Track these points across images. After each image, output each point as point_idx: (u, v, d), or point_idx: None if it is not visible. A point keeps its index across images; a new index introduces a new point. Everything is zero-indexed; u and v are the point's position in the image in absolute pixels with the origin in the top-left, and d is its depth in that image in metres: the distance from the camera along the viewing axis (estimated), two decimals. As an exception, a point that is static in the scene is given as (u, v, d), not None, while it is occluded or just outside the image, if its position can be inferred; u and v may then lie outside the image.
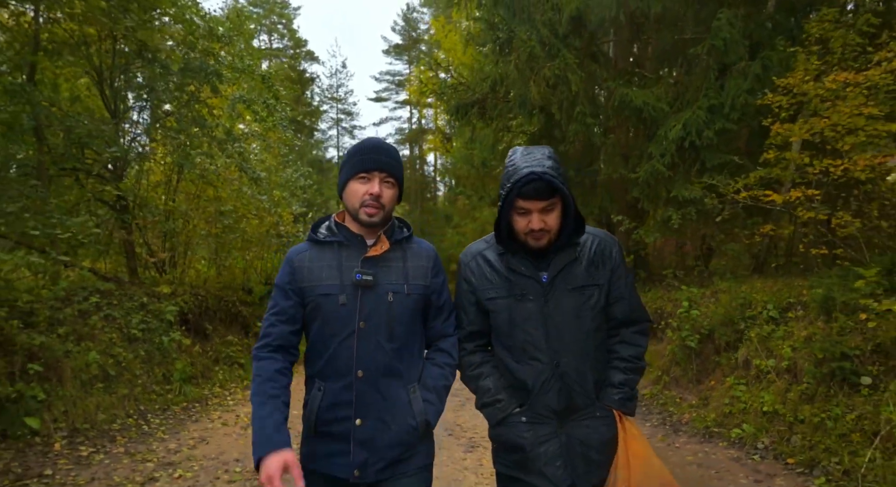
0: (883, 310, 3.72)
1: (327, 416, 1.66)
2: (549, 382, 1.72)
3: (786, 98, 5.34)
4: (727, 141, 6.39)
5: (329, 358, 1.68)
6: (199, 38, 8.64)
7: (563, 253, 1.74)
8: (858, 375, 3.81)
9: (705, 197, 5.91)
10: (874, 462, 3.27)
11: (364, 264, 1.67)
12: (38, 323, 5.56)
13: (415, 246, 1.79)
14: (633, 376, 1.79)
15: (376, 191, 1.64)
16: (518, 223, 1.70)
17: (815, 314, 4.47)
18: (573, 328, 1.72)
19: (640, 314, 1.83)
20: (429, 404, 1.71)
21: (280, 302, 1.73)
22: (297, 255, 1.75)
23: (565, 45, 6.97)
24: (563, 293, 1.72)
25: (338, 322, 1.67)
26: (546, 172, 1.61)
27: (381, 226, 1.71)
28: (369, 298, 1.66)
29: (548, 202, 1.64)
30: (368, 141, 1.75)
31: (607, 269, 1.76)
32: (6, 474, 4.05)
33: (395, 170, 1.70)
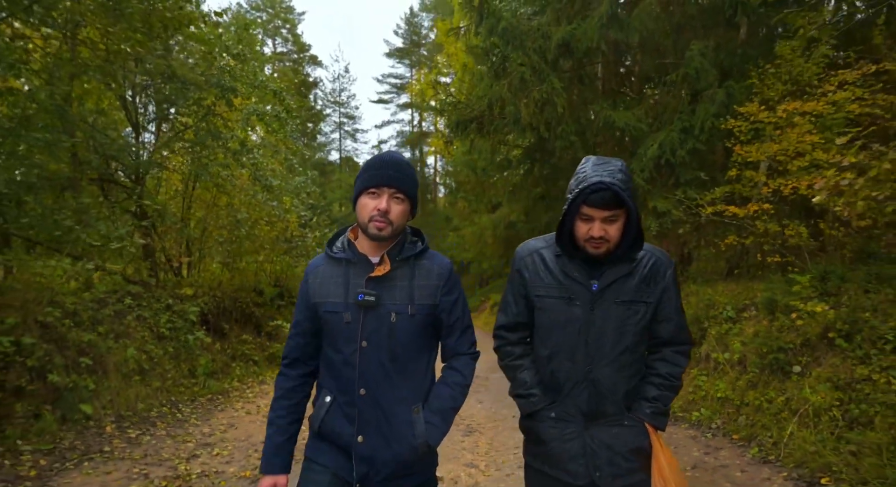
0: (810, 311, 4.50)
1: (331, 427, 1.72)
2: (581, 385, 1.78)
3: (745, 123, 6.10)
4: (700, 158, 7.16)
5: (336, 373, 1.74)
6: (217, 56, 9.41)
7: (618, 266, 1.78)
8: (791, 365, 4.59)
9: (675, 209, 6.68)
10: (793, 435, 4.05)
11: (368, 284, 1.70)
12: (82, 323, 6.33)
13: (426, 264, 1.79)
14: (668, 393, 1.82)
15: (384, 206, 1.66)
16: (580, 228, 1.74)
17: (762, 314, 5.26)
18: (614, 340, 1.76)
19: (685, 336, 1.86)
20: (432, 426, 1.72)
21: (297, 315, 1.83)
22: (313, 270, 1.82)
23: (554, 70, 7.75)
24: (611, 304, 1.77)
25: (342, 339, 1.71)
26: (615, 183, 1.65)
27: (390, 240, 1.73)
28: (372, 318, 1.69)
29: (612, 212, 1.68)
30: (382, 156, 1.76)
31: (658, 288, 1.80)
32: (72, 450, 4.82)
33: (404, 185, 1.71)
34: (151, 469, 4.48)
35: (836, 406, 3.93)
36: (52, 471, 4.31)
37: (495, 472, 4.48)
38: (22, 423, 4.87)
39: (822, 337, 4.45)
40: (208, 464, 4.72)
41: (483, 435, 5.74)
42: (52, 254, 7.75)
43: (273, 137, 11.38)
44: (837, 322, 4.34)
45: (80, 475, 4.28)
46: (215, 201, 10.96)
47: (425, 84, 31.88)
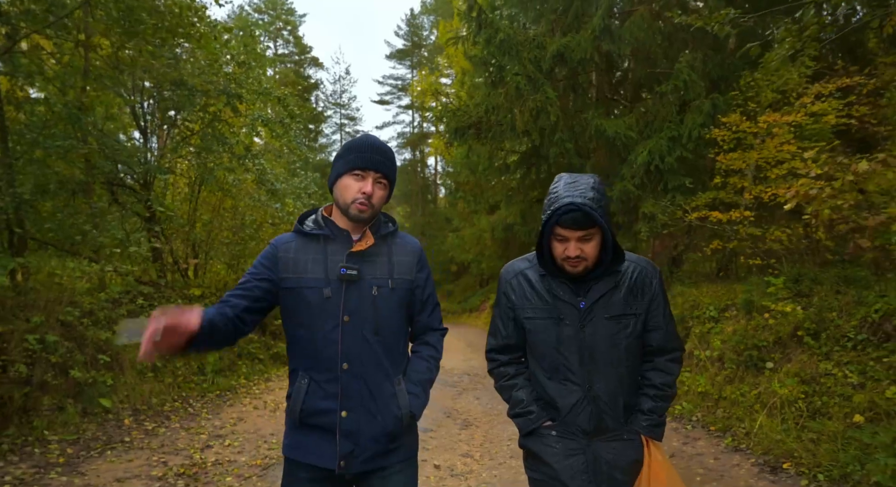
0: (781, 311, 4.86)
1: (312, 408, 1.70)
2: (581, 404, 1.79)
3: (728, 133, 6.46)
4: (688, 165, 7.53)
5: (314, 351, 1.71)
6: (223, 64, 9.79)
7: (602, 282, 1.80)
8: (764, 361, 4.96)
9: (661, 214, 7.04)
10: (762, 425, 4.41)
11: (349, 259, 1.71)
12: (99, 322, 6.70)
13: (399, 241, 1.84)
14: (663, 403, 1.84)
15: (369, 190, 1.68)
16: (556, 248, 1.77)
17: (741, 314, 5.62)
18: (608, 354, 1.78)
19: (675, 343, 1.88)
20: (414, 397, 1.77)
21: (251, 279, 1.75)
22: (283, 245, 1.78)
23: (549, 79, 8.12)
24: (601, 321, 1.78)
25: (322, 315, 1.69)
26: (586, 204, 1.66)
27: (368, 223, 1.76)
28: (354, 292, 1.70)
29: (586, 232, 1.70)
30: (366, 138, 1.77)
31: (646, 299, 1.82)
32: (95, 440, 5.19)
33: (389, 171, 1.74)
34: (169, 458, 4.85)
35: (802, 399, 4.30)
36: (79, 459, 4.68)
37: (489, 461, 4.84)
38: (48, 415, 5.24)
39: (793, 335, 4.81)
40: (221, 454, 5.08)
41: (479, 429, 6.10)
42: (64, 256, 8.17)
43: (277, 142, 11.76)
44: (806, 321, 4.71)
45: (105, 462, 4.65)
46: (221, 204, 11.33)
47: (426, 85, 32.24)
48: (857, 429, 3.62)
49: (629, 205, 7.98)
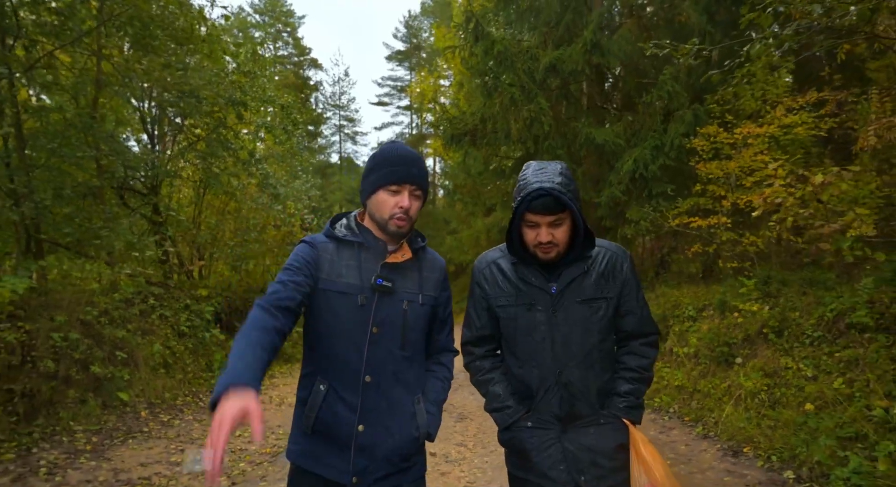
0: (748, 310, 5.31)
1: (328, 418, 1.64)
2: (552, 389, 1.79)
3: (707, 143, 6.91)
4: (671, 173, 7.97)
5: (337, 359, 1.66)
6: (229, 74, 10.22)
7: (573, 266, 1.81)
8: (734, 357, 5.41)
9: (643, 220, 7.49)
10: (729, 415, 4.86)
11: (384, 269, 1.68)
12: (114, 321, 7.13)
13: (429, 257, 1.83)
14: (640, 386, 1.84)
15: (406, 204, 1.65)
16: (527, 235, 1.77)
17: (716, 313, 6.07)
18: (580, 339, 1.78)
19: (649, 327, 1.89)
20: (432, 417, 1.75)
21: (293, 269, 1.65)
22: (322, 244, 1.73)
23: (542, 89, 8.56)
24: (572, 304, 1.79)
25: (351, 323, 1.65)
26: (555, 188, 1.67)
27: (405, 236, 1.74)
28: (385, 304, 1.67)
29: (556, 216, 1.70)
30: (398, 150, 1.72)
31: (617, 283, 1.82)
32: (116, 430, 5.63)
33: (424, 182, 1.71)
34: (186, 446, 5.30)
35: (764, 391, 4.75)
36: (104, 447, 5.12)
37: (481, 450, 5.28)
38: (72, 407, 5.67)
39: (760, 333, 5.27)
40: (233, 443, 5.52)
41: (473, 421, 6.54)
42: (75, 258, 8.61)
43: (280, 148, 12.21)
44: (771, 320, 5.16)
45: (127, 450, 5.09)
46: (225, 207, 11.78)
47: (425, 87, 32.68)
48: (807, 416, 4.07)
49: (616, 211, 8.43)
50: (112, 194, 9.90)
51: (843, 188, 4.69)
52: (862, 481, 3.22)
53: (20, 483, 4.13)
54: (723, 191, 6.85)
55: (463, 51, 9.10)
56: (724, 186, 7.18)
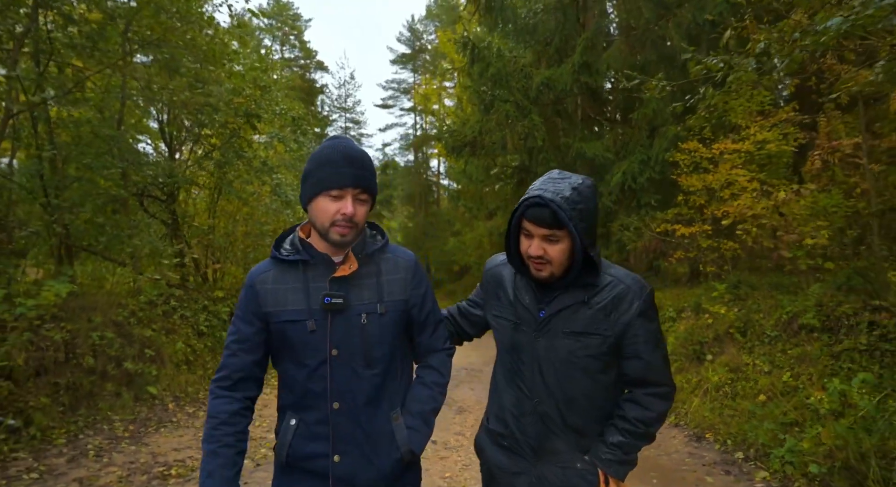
0: (716, 312, 5.92)
1: (301, 452, 1.58)
2: (527, 417, 1.69)
3: (687, 157, 7.50)
4: (657, 184, 8.57)
5: (301, 390, 1.58)
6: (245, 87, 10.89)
7: (570, 293, 1.65)
8: (705, 354, 6.01)
9: (627, 229, 8.11)
10: (696, 406, 5.47)
11: (332, 285, 1.57)
12: (142, 321, 7.79)
13: (391, 257, 1.68)
14: (632, 441, 1.65)
15: (349, 211, 1.51)
16: (522, 244, 1.65)
17: (692, 314, 6.67)
18: (561, 372, 1.64)
19: (659, 377, 1.66)
20: (413, 431, 1.64)
21: (242, 329, 1.61)
22: (259, 276, 1.62)
23: (536, 104, 9.17)
24: (557, 335, 1.64)
25: (307, 350, 1.56)
26: (555, 200, 1.52)
27: (351, 244, 1.59)
28: (340, 322, 1.56)
29: (550, 231, 1.56)
30: (337, 148, 1.55)
31: (620, 322, 1.61)
32: (149, 420, 6.28)
33: (370, 184, 1.56)
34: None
35: (728, 384, 5.35)
36: (140, 434, 5.77)
37: (477, 437, 5.90)
38: (109, 399, 6.32)
39: (727, 333, 5.87)
40: (254, 432, 6.14)
41: (472, 414, 7.15)
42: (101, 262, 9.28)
43: (290, 156, 12.88)
44: (737, 321, 5.77)
45: (161, 436, 5.73)
46: (237, 212, 12.45)
47: (429, 90, 33.31)
48: (758, 406, 4.67)
49: (604, 220, 9.06)
50: (133, 200, 10.59)
51: (801, 203, 5.29)
52: (793, 458, 3.82)
53: (74, 464, 4.77)
54: (702, 201, 7.44)
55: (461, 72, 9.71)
56: (704, 197, 7.77)
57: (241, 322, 1.61)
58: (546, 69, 8.97)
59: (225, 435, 1.53)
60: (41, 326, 5.87)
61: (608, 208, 8.62)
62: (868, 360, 4.23)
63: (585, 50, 8.51)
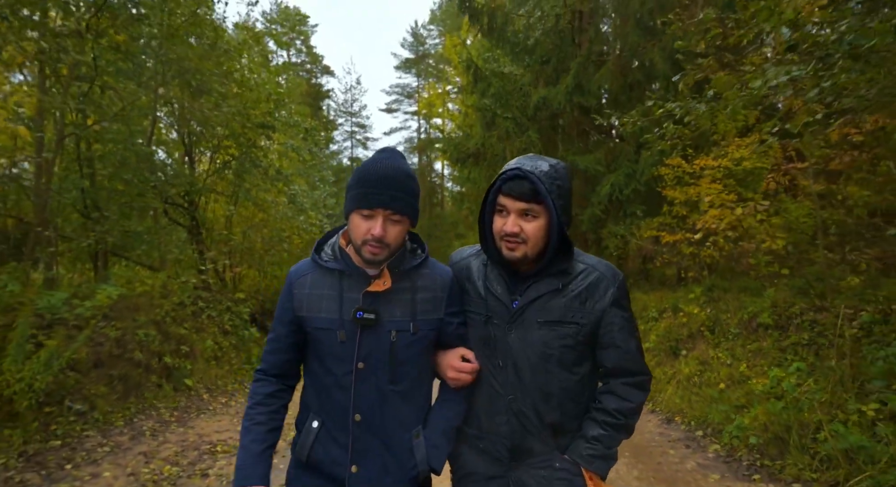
0: (688, 312, 6.75)
1: (321, 457, 1.60)
2: (502, 416, 1.64)
3: (671, 171, 8.32)
4: (642, 196, 9.40)
5: (325, 396, 1.61)
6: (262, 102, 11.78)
7: (545, 281, 1.61)
8: (679, 350, 6.85)
9: (614, 237, 8.95)
10: (670, 394, 6.31)
11: (365, 300, 1.57)
12: (176, 320, 8.66)
13: (428, 274, 1.66)
14: (613, 433, 1.60)
15: (378, 232, 1.49)
16: (496, 224, 1.60)
17: (671, 314, 7.51)
18: (536, 365, 1.59)
19: (636, 365, 1.63)
20: (435, 450, 1.63)
21: (278, 329, 1.68)
22: (299, 279, 1.66)
23: (533, 121, 10.01)
24: (532, 325, 1.59)
25: (335, 360, 1.58)
26: (533, 173, 1.49)
27: (386, 261, 1.58)
28: (370, 337, 1.56)
29: (528, 205, 1.52)
30: (375, 169, 1.53)
31: (595, 310, 1.58)
32: (189, 408, 7.15)
33: (403, 206, 1.53)
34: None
35: (697, 375, 6.19)
36: (185, 419, 6.63)
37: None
38: (153, 390, 7.19)
39: (699, 330, 6.71)
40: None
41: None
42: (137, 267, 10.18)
43: (303, 165, 13.78)
44: (707, 320, 6.60)
45: (202, 421, 6.59)
46: (254, 218, 13.35)
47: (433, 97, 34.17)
48: (718, 392, 5.51)
49: (594, 227, 9.90)
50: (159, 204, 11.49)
51: (758, 217, 6.12)
52: (739, 433, 4.66)
53: (135, 441, 5.64)
54: (684, 212, 8.27)
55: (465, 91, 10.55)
56: (686, 208, 8.60)
57: (278, 322, 1.68)
58: (543, 88, 9.81)
59: (259, 414, 1.64)
60: (96, 324, 6.75)
61: (597, 216, 9.45)
62: (807, 352, 5.06)
63: (578, 72, 9.34)
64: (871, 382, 4.00)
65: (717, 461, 4.58)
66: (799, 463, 3.96)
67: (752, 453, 4.46)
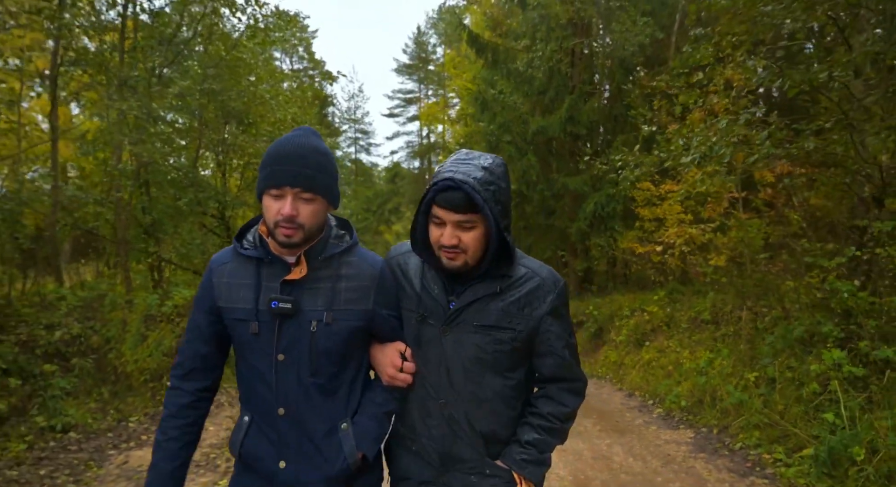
0: (651, 311, 8.61)
1: (251, 452, 1.59)
2: (432, 419, 1.63)
3: (642, 193, 10.17)
4: (623, 212, 11.26)
5: (251, 391, 1.59)
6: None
7: (483, 283, 1.58)
8: (644, 341, 8.70)
9: (595, 249, 10.80)
10: (633, 375, 8.16)
11: (283, 288, 1.52)
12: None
13: (355, 262, 1.60)
14: (547, 437, 1.61)
15: (287, 211, 1.44)
16: (432, 233, 1.57)
17: (640, 313, 9.36)
18: (470, 370, 1.58)
19: (573, 373, 1.65)
20: (364, 434, 1.59)
21: (195, 317, 1.62)
22: (218, 267, 1.60)
23: (532, 145, 11.86)
24: (467, 328, 1.59)
25: (253, 352, 1.55)
26: (467, 182, 1.44)
27: (304, 246, 1.53)
28: (289, 328, 1.52)
29: (464, 216, 1.48)
30: (283, 146, 1.48)
31: (533, 316, 1.58)
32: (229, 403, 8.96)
33: (312, 182, 1.46)
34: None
35: (655, 361, 8.03)
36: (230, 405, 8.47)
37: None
38: (218, 373, 9.02)
39: (659, 326, 8.56)
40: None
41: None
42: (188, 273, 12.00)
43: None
44: (665, 318, 8.45)
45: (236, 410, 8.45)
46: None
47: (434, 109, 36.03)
48: (666, 372, 7.37)
49: (581, 238, 11.81)
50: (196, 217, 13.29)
51: (706, 236, 7.97)
52: (675, 399, 6.51)
53: (220, 409, 7.45)
54: (653, 227, 10.12)
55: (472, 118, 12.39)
56: (654, 224, 10.45)
57: (196, 310, 1.63)
58: (540, 117, 11.67)
59: (172, 428, 1.59)
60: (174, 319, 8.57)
61: (583, 230, 11.31)
62: (733, 341, 6.91)
63: (570, 107, 11.20)
64: (762, 359, 5.85)
65: (658, 419, 6.44)
66: (708, 415, 5.82)
67: (682, 412, 6.31)
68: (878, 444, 3.82)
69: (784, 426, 4.82)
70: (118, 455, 5.33)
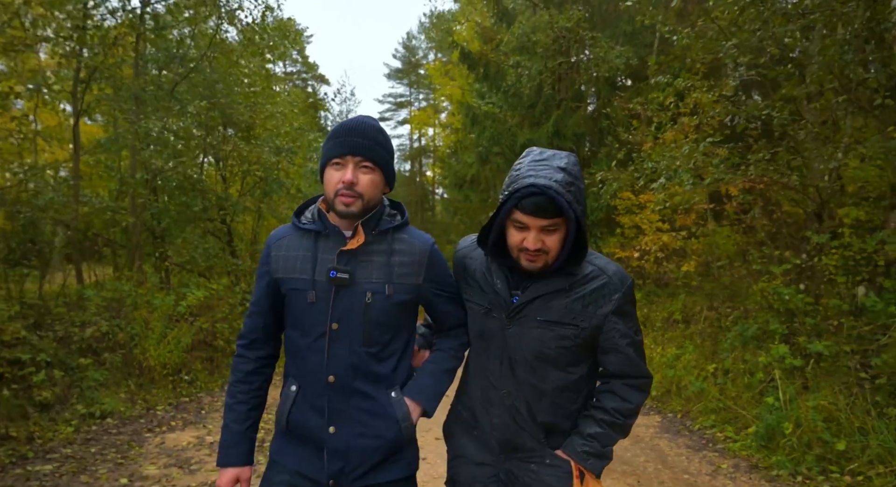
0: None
1: (299, 420, 1.65)
2: (495, 408, 1.68)
3: (622, 202, 11.02)
4: (606, 220, 12.09)
5: (300, 359, 1.67)
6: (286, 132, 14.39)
7: (550, 280, 1.63)
8: (623, 339, 9.54)
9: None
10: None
11: (340, 259, 1.61)
12: (226, 319, 11.20)
13: (406, 239, 1.70)
14: (610, 432, 1.65)
15: (349, 178, 1.55)
16: (512, 237, 1.59)
17: (620, 314, 10.21)
18: (531, 364, 1.63)
19: (639, 370, 1.68)
20: (422, 390, 1.71)
21: (256, 291, 1.75)
22: (276, 241, 1.73)
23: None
24: (531, 323, 1.63)
25: (308, 321, 1.63)
26: (551, 187, 1.48)
27: (360, 217, 1.63)
28: (344, 297, 1.61)
29: (550, 221, 1.52)
30: (347, 122, 1.63)
31: (598, 314, 1.61)
32: (255, 383, 9.70)
33: (372, 153, 1.59)
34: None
35: (632, 357, 8.86)
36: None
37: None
38: (227, 371, 9.74)
39: (636, 326, 9.40)
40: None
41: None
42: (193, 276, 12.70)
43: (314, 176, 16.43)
44: (642, 317, 9.30)
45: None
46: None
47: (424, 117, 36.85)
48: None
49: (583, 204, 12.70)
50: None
51: (677, 243, 8.83)
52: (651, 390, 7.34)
53: (233, 401, 8.20)
54: (632, 234, 10.98)
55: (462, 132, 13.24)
56: (633, 231, 11.32)
57: (257, 284, 1.75)
58: (528, 130, 12.50)
59: (240, 392, 1.75)
60: (188, 318, 9.30)
61: (569, 237, 12.16)
62: (700, 338, 7.76)
63: (557, 121, 12.04)
64: (722, 354, 6.70)
65: (632, 407, 7.28)
66: (674, 403, 6.67)
67: (653, 401, 7.15)
68: (801, 420, 4.67)
69: (735, 409, 5.67)
70: (154, 437, 6.07)
